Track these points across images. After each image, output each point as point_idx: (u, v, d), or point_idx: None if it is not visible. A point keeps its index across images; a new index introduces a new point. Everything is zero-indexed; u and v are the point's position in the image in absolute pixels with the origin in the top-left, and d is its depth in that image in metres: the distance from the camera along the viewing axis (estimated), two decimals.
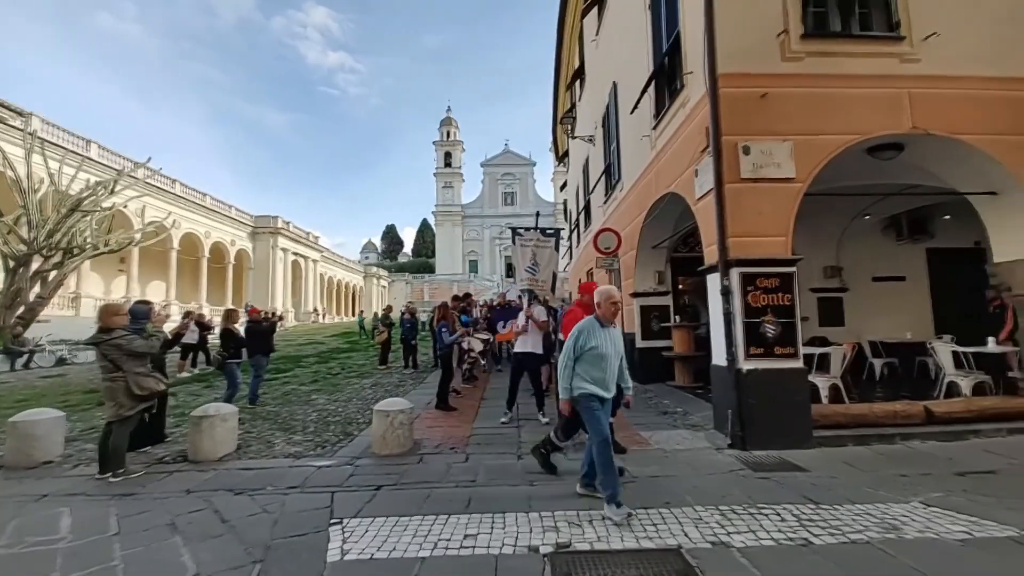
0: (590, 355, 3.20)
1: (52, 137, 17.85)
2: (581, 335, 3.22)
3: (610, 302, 3.26)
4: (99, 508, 3.34)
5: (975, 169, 5.06)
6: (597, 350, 3.18)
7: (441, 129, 67.03)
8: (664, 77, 6.38)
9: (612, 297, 3.28)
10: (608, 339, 3.23)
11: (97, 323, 3.95)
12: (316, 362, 12.76)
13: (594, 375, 3.20)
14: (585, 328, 3.27)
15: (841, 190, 6.08)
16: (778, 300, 4.60)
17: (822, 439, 4.47)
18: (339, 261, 47.90)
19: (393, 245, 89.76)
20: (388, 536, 2.77)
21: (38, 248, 13.90)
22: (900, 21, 4.92)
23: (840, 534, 2.69)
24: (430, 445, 4.78)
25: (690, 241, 8.58)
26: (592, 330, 3.25)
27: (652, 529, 2.80)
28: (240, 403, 6.61)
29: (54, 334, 15.50)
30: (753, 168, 4.65)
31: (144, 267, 24.15)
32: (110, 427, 3.96)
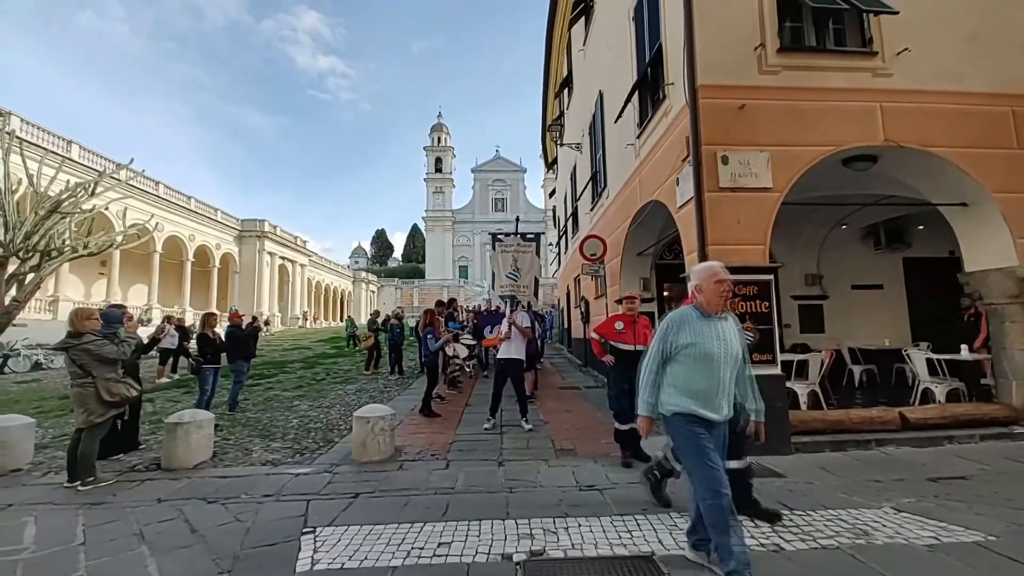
0: (687, 356, 2.30)
1: (32, 137, 17.51)
2: (670, 330, 2.36)
3: (714, 281, 2.32)
4: (66, 517, 3.25)
5: (946, 180, 5.21)
6: (697, 348, 2.27)
7: (432, 135, 67.08)
8: (647, 87, 6.48)
9: (716, 275, 2.34)
10: (714, 334, 2.30)
11: (68, 327, 3.87)
12: (301, 367, 12.60)
13: (695, 386, 2.28)
14: (676, 320, 2.37)
15: (819, 200, 6.21)
16: (757, 307, 4.67)
17: (800, 445, 4.53)
18: (327, 266, 47.46)
19: (383, 250, 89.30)
20: (361, 545, 2.74)
21: (15, 250, 13.55)
22: (872, 37, 5.07)
23: (811, 540, 2.72)
24: (411, 452, 4.74)
25: (675, 248, 8.68)
26: (688, 322, 2.34)
27: (627, 536, 2.80)
28: (219, 409, 6.51)
29: (30, 338, 15.09)
30: (732, 178, 4.73)
31: (126, 270, 23.69)
32: (80, 434, 3.87)
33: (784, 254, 8.27)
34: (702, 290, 2.36)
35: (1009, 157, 4.98)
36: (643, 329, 4.43)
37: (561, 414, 6.46)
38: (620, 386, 4.31)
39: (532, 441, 5.08)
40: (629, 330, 4.42)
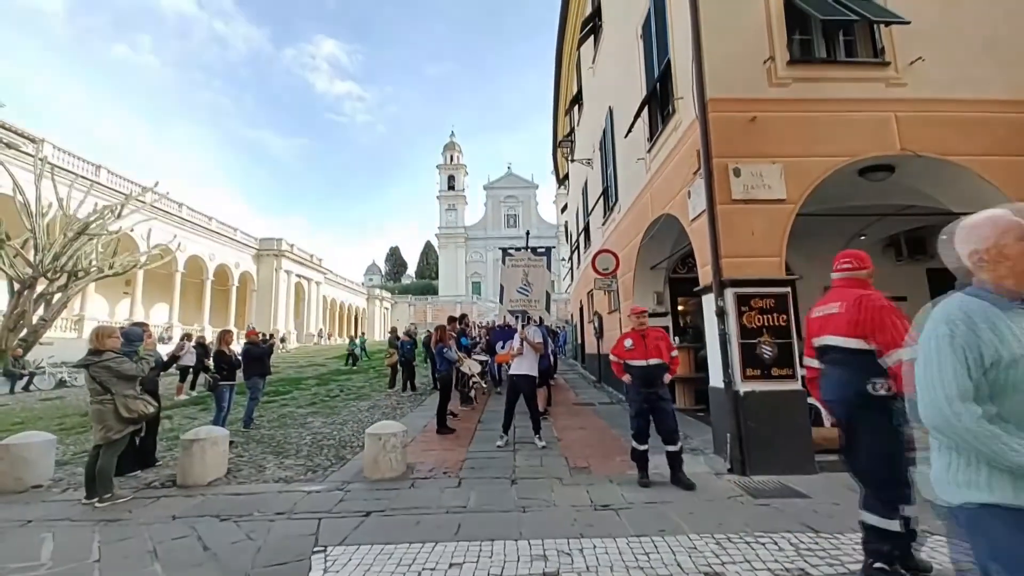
0: (1011, 386, 1.23)
1: (63, 162, 18.29)
2: (970, 335, 1.26)
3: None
4: (82, 534, 3.28)
5: (967, 189, 5.08)
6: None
7: (445, 153, 68.27)
8: (656, 102, 6.51)
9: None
10: None
11: (89, 345, 3.96)
12: (316, 384, 12.68)
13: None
14: (975, 315, 1.29)
15: (837, 211, 6.11)
16: (774, 321, 4.57)
17: (824, 463, 4.35)
18: (342, 283, 48.10)
19: (397, 267, 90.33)
20: (372, 565, 2.70)
21: (43, 271, 14.10)
22: (884, 48, 5.03)
23: (839, 564, 2.60)
24: (423, 469, 4.69)
25: (688, 262, 8.59)
26: (994, 320, 1.27)
27: (644, 559, 2.71)
28: (234, 426, 6.56)
29: (56, 356, 15.53)
30: (744, 190, 4.69)
31: (148, 289, 24.34)
32: (98, 451, 3.92)
33: (802, 266, 8.11)
34: (1004, 255, 1.30)
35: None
36: (655, 342, 4.27)
37: (575, 431, 6.36)
38: (638, 405, 4.20)
39: (545, 459, 4.99)
40: (639, 345, 4.29)
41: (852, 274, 2.64)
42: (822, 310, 2.63)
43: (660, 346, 4.25)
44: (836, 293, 2.62)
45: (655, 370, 4.19)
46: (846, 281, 2.64)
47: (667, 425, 4.11)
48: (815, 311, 2.69)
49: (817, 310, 2.67)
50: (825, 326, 2.57)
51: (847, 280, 2.64)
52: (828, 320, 2.56)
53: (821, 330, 2.59)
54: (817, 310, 2.67)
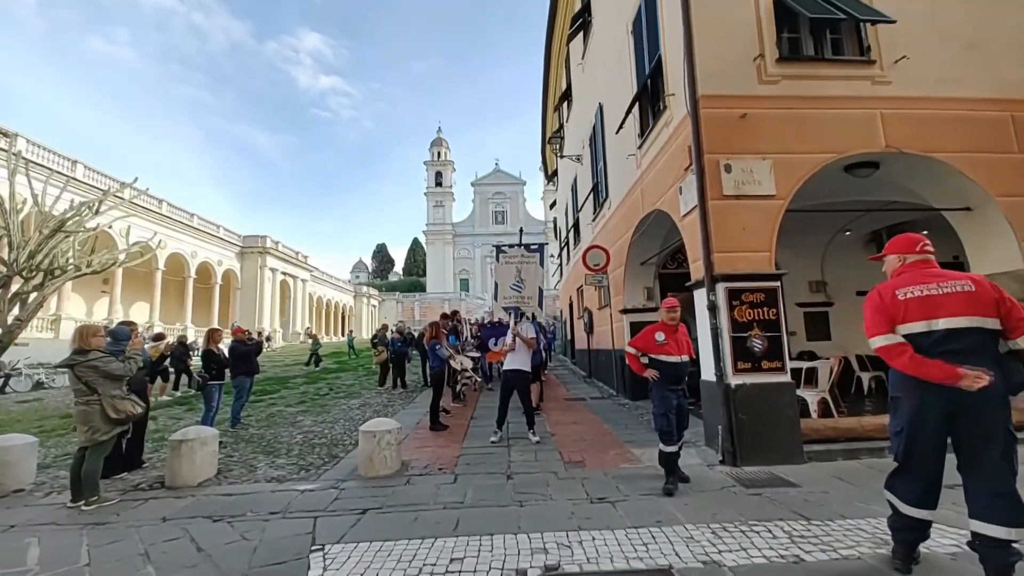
0: None
1: (38, 158, 17.70)
2: None
3: None
4: (70, 538, 3.20)
5: (949, 186, 5.22)
6: None
7: (432, 149, 67.77)
8: (647, 98, 6.55)
9: None
10: None
11: (72, 344, 3.85)
12: (304, 383, 12.53)
13: None
14: None
15: (823, 206, 6.23)
16: (764, 315, 4.65)
17: (813, 454, 4.47)
18: (329, 280, 47.52)
19: (384, 264, 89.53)
20: (371, 562, 2.68)
21: (18, 270, 13.61)
22: (870, 46, 5.13)
23: (831, 550, 2.66)
24: (418, 466, 4.68)
25: (678, 257, 8.69)
26: None
27: (643, 549, 2.74)
28: (222, 426, 6.45)
29: (32, 357, 15.06)
30: (735, 185, 4.75)
31: (128, 288, 23.73)
32: (83, 453, 3.82)
33: (788, 262, 8.23)
34: None
35: (1011, 161, 5.00)
36: (684, 338, 4.06)
37: (568, 426, 6.40)
38: (668, 402, 3.89)
39: (540, 454, 5.01)
40: (672, 340, 3.97)
41: (920, 257, 2.47)
42: (924, 289, 2.31)
43: (688, 343, 4.12)
44: (927, 273, 2.39)
45: (686, 367, 4.02)
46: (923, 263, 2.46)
47: (685, 424, 4.00)
48: (907, 290, 2.35)
49: (911, 289, 2.34)
50: (945, 306, 2.24)
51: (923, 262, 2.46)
52: (949, 299, 2.24)
53: (939, 311, 2.25)
54: (911, 289, 2.34)
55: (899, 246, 2.56)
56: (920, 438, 2.31)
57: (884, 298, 2.40)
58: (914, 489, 2.36)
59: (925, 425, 2.28)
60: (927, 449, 2.31)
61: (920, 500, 2.35)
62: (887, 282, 2.49)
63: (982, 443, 2.19)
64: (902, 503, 2.40)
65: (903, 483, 2.41)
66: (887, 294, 2.40)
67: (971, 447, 2.22)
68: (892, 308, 2.36)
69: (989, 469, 2.17)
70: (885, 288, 2.44)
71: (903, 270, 2.50)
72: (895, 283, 2.44)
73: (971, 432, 2.20)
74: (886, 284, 2.47)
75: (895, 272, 2.54)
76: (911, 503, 2.37)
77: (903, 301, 2.34)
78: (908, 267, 2.48)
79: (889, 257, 2.61)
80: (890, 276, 2.56)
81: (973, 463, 2.22)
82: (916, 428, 2.31)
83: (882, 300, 2.40)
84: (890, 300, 2.37)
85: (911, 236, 2.55)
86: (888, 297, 2.38)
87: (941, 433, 2.27)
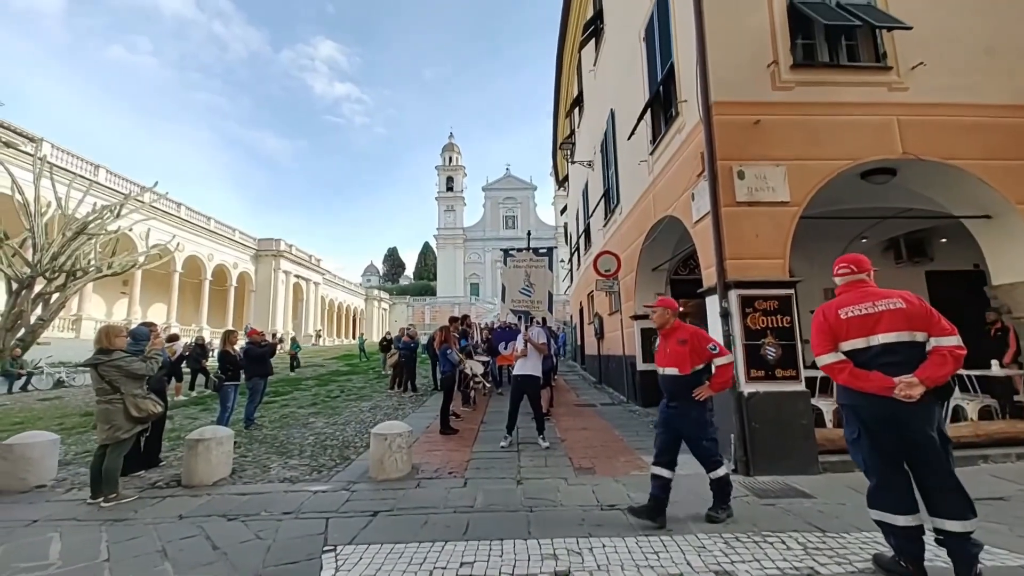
0: None
1: (62, 162, 18.24)
2: None
3: None
4: (90, 533, 3.28)
5: (968, 193, 5.14)
6: None
7: (443, 154, 68.33)
8: (660, 105, 6.55)
9: None
10: None
11: (96, 344, 3.96)
12: (315, 385, 12.65)
13: None
14: None
15: (838, 213, 6.15)
16: (778, 322, 4.60)
17: (828, 464, 4.39)
18: (341, 284, 48.03)
19: (395, 268, 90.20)
20: (383, 564, 2.70)
21: (42, 271, 14.02)
22: (886, 52, 5.09)
23: (847, 563, 2.62)
24: (428, 469, 4.70)
25: (690, 263, 8.63)
26: None
27: (654, 557, 2.73)
28: (236, 426, 6.55)
29: (54, 356, 15.47)
30: (748, 192, 4.72)
31: (146, 289, 24.25)
32: (104, 450, 3.91)
33: (803, 269, 8.15)
34: None
35: None
36: (675, 347, 3.36)
37: (578, 432, 6.38)
38: (661, 416, 3.47)
39: (550, 459, 5.01)
40: (661, 348, 3.51)
41: (855, 277, 2.68)
42: (862, 308, 2.50)
43: (682, 352, 3.32)
44: (864, 292, 2.58)
45: (675, 382, 3.34)
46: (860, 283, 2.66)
47: (700, 455, 3.33)
48: (847, 310, 2.53)
49: (851, 309, 2.52)
50: (881, 323, 2.44)
51: (860, 282, 2.66)
52: (883, 316, 2.44)
53: (876, 328, 2.44)
54: (851, 309, 2.52)
55: (845, 266, 2.74)
56: (876, 445, 2.45)
57: (828, 318, 2.60)
58: (896, 496, 2.40)
59: (877, 432, 2.43)
60: (887, 452, 2.43)
61: (909, 505, 2.39)
62: (831, 301, 2.67)
63: (924, 444, 2.34)
64: (896, 515, 2.39)
65: (886, 495, 2.44)
66: (831, 314, 2.59)
67: (916, 449, 2.37)
68: (836, 327, 2.55)
69: (933, 468, 2.34)
70: (829, 308, 2.64)
71: (844, 288, 2.68)
72: (838, 302, 2.63)
73: (913, 434, 2.35)
74: (830, 304, 2.65)
75: (838, 291, 2.73)
76: (903, 511, 2.38)
77: (845, 320, 2.54)
78: (848, 287, 2.67)
79: (835, 278, 2.79)
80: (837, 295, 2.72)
81: (919, 463, 2.38)
82: (871, 436, 2.45)
83: (826, 320, 2.59)
84: (834, 319, 2.57)
85: (853, 257, 2.73)
86: (832, 317, 2.58)
87: (891, 437, 2.40)
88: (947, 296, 8.40)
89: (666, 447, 3.34)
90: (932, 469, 2.35)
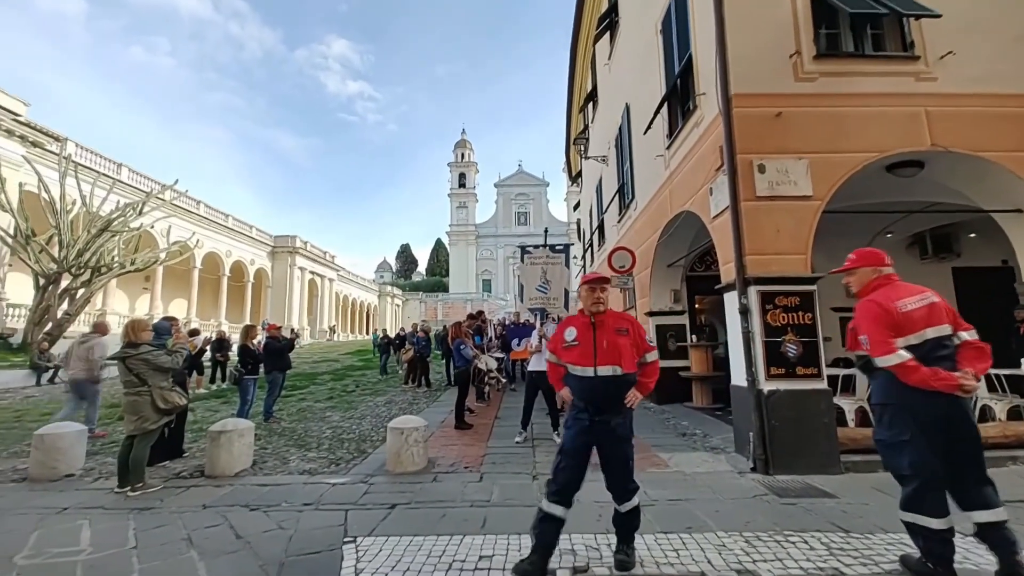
0: None
1: (86, 161, 18.69)
2: None
3: None
4: (118, 521, 3.37)
5: (999, 186, 4.97)
6: None
7: (456, 151, 68.42)
8: (677, 98, 6.46)
9: None
10: None
11: (124, 338, 4.06)
12: (331, 379, 12.83)
13: None
14: None
15: (862, 207, 6.00)
16: (799, 319, 4.52)
17: (850, 464, 4.31)
18: (354, 280, 48.51)
19: (407, 264, 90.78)
20: (402, 556, 2.73)
21: (68, 267, 14.44)
22: (914, 41, 4.93)
23: (873, 564, 2.57)
24: (444, 464, 4.73)
25: (706, 259, 8.52)
26: None
27: (673, 555, 2.71)
28: (255, 419, 6.67)
29: None
30: (769, 186, 4.63)
31: (167, 285, 24.80)
32: (131, 441, 4.02)
33: (823, 265, 7.97)
34: None
35: None
36: (614, 338, 2.57)
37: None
38: (575, 438, 2.56)
39: None
40: (586, 339, 2.60)
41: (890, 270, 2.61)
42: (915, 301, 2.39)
43: (622, 345, 2.56)
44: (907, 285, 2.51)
45: (610, 386, 2.52)
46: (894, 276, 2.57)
47: (618, 478, 2.58)
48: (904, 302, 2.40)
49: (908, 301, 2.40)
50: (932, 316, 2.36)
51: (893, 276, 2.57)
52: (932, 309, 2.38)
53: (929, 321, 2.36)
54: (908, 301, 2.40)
55: (872, 259, 2.60)
56: (930, 446, 2.32)
57: (891, 311, 2.38)
58: (940, 498, 2.32)
59: (935, 431, 2.31)
60: (939, 452, 2.32)
61: (946, 508, 2.32)
62: (877, 294, 2.49)
63: (974, 437, 2.32)
64: (934, 518, 2.29)
65: (932, 498, 2.32)
66: (889, 306, 2.39)
67: (964, 442, 2.31)
68: (899, 321, 2.37)
69: (978, 461, 2.32)
70: (884, 299, 2.43)
71: (881, 282, 2.52)
72: (891, 294, 2.45)
73: (961, 431, 2.30)
74: (881, 294, 2.46)
75: (871, 284, 2.56)
76: (943, 514, 2.30)
77: (904, 314, 2.38)
78: (884, 279, 2.53)
79: (864, 269, 2.61)
80: (860, 288, 2.60)
81: (963, 459, 2.32)
82: (927, 436, 2.31)
83: (888, 313, 2.38)
84: (896, 313, 2.38)
85: (877, 251, 2.63)
86: (894, 310, 2.38)
87: (947, 435, 2.31)
88: (975, 293, 8.16)
89: (576, 479, 2.54)
90: (977, 462, 2.31)
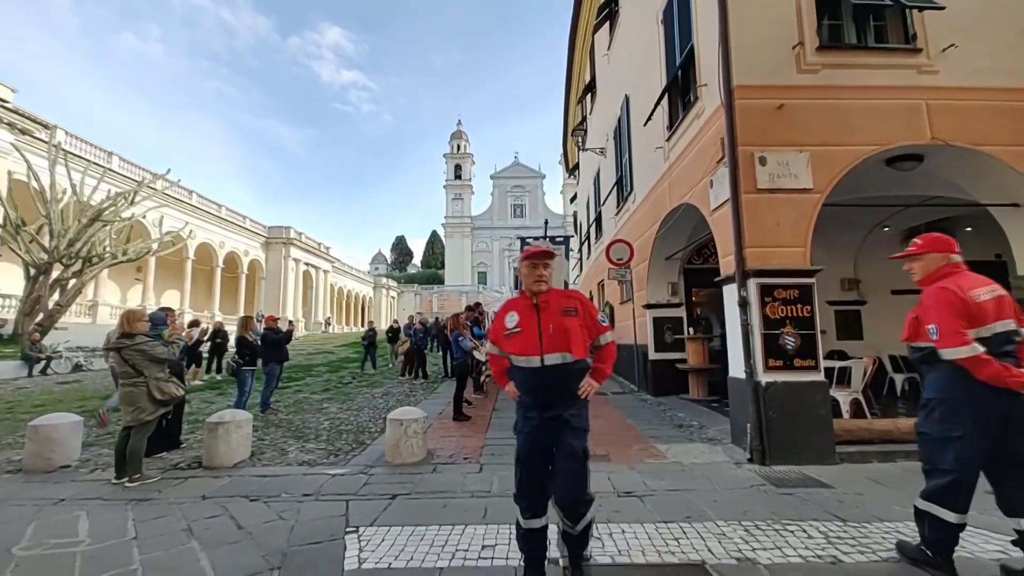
0: None
1: (75, 149, 18.36)
2: None
3: None
4: (116, 512, 3.35)
5: (997, 180, 4.99)
6: None
7: (451, 142, 67.93)
8: (678, 89, 6.42)
9: None
10: None
11: (119, 329, 4.01)
12: (327, 371, 12.80)
13: None
14: None
15: (860, 201, 6.02)
16: (797, 312, 4.54)
17: (845, 455, 4.36)
18: (349, 272, 48.27)
19: (403, 256, 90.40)
20: (405, 545, 2.74)
21: (59, 257, 14.24)
22: (916, 34, 4.91)
23: (870, 552, 2.60)
24: (443, 455, 4.74)
25: (704, 252, 8.54)
26: None
27: (674, 544, 2.73)
28: (252, 410, 6.64)
29: (71, 341, 15.75)
30: (770, 178, 4.63)
31: (160, 276, 24.55)
32: (127, 432, 3.99)
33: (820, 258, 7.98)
34: None
35: None
36: (560, 320, 2.26)
37: (591, 420, 6.37)
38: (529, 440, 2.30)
39: None
40: (529, 325, 2.29)
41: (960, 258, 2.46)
42: (987, 292, 2.29)
43: (570, 327, 2.25)
44: (976, 275, 2.39)
45: (559, 376, 2.24)
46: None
47: (569, 481, 2.23)
48: (978, 292, 2.29)
49: (982, 291, 2.29)
50: (1002, 309, 2.27)
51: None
52: (1003, 302, 2.28)
53: (1000, 314, 2.26)
54: (982, 291, 2.29)
55: (943, 245, 2.46)
56: (982, 445, 2.24)
57: (965, 300, 2.24)
58: (968, 494, 2.29)
59: (989, 430, 2.23)
60: (983, 454, 2.25)
61: (968, 505, 2.30)
62: (950, 280, 2.34)
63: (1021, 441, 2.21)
64: (953, 513, 2.29)
65: (964, 493, 2.28)
66: (965, 295, 2.25)
67: (1018, 446, 2.21)
68: (975, 311, 2.24)
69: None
70: (960, 286, 2.28)
71: (950, 270, 2.40)
72: (964, 283, 2.30)
73: (1018, 431, 2.20)
74: (955, 281, 2.31)
75: (940, 272, 2.42)
76: (964, 511, 2.29)
77: (978, 304, 2.24)
78: (954, 267, 2.41)
79: (933, 255, 2.45)
80: (925, 276, 2.46)
81: (1014, 462, 2.23)
82: (984, 433, 2.23)
83: (964, 302, 2.23)
84: (972, 302, 2.24)
85: (947, 237, 2.48)
86: (969, 298, 2.24)
87: (1005, 434, 2.21)
88: None
89: (541, 486, 2.28)
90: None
